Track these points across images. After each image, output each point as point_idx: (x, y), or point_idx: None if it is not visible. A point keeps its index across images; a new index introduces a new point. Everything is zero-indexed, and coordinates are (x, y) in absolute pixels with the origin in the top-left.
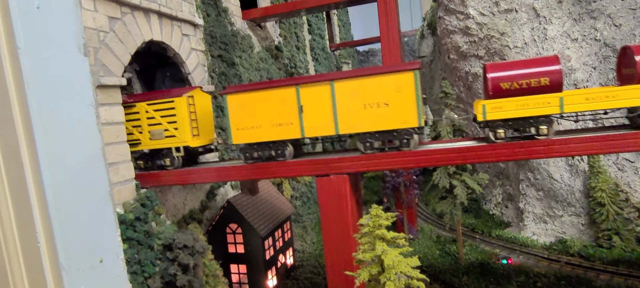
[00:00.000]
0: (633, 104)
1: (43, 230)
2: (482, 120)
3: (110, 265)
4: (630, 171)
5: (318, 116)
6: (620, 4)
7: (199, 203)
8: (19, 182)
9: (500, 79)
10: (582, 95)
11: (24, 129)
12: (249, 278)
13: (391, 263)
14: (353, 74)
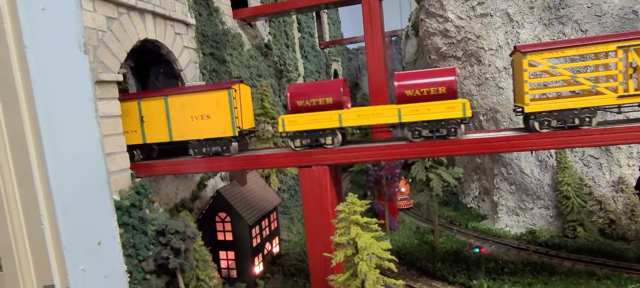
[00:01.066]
0: (389, 120)
1: (47, 213)
2: None
3: (108, 247)
4: (595, 167)
5: (156, 125)
6: (587, 11)
7: (190, 193)
8: (25, 169)
9: None
10: (355, 112)
11: (30, 121)
12: (237, 264)
13: (364, 245)
14: (181, 91)
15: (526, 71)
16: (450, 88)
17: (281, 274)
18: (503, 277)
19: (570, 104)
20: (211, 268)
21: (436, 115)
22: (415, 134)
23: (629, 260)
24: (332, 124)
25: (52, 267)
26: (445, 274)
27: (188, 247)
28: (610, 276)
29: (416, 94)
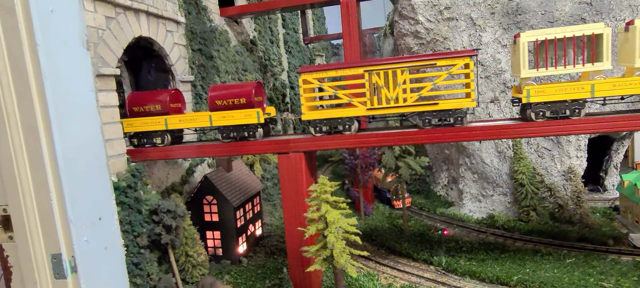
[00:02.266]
0: (203, 125)
1: (55, 191)
2: None
3: (107, 222)
4: (548, 157)
5: None
6: (541, 17)
7: (179, 178)
8: (36, 152)
9: None
10: (177, 117)
11: (41, 110)
12: (222, 243)
13: (332, 220)
14: None
15: (301, 87)
16: (248, 99)
17: (263, 253)
18: (460, 254)
19: (334, 114)
20: (199, 245)
21: (237, 121)
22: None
23: (571, 240)
24: (161, 127)
25: (60, 238)
26: (410, 252)
27: (178, 224)
28: (552, 253)
29: (224, 103)
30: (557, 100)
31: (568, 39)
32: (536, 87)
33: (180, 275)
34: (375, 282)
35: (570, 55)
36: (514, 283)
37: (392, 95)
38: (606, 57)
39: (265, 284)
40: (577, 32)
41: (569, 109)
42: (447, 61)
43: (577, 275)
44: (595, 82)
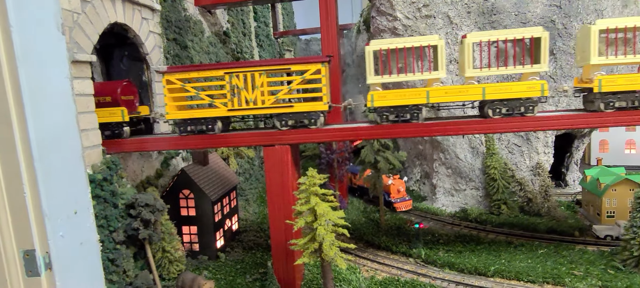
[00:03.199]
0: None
1: (29, 182)
2: None
3: (83, 216)
4: (518, 153)
5: None
6: (514, 18)
7: (154, 171)
8: (8, 141)
9: None
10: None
11: (13, 96)
12: (199, 238)
13: (322, 212)
14: None
15: (165, 87)
16: (114, 98)
17: (240, 248)
18: (438, 246)
19: (198, 114)
20: (176, 240)
21: (104, 118)
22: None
23: (541, 231)
24: None
25: (33, 233)
26: (389, 245)
27: (157, 219)
28: (525, 244)
29: (98, 100)
30: (400, 105)
31: (408, 49)
32: (380, 93)
33: (157, 271)
34: (357, 274)
35: (410, 64)
36: (491, 273)
37: (252, 97)
38: (441, 66)
39: (245, 279)
40: (415, 44)
41: (410, 113)
42: (300, 67)
43: (549, 264)
44: (430, 89)
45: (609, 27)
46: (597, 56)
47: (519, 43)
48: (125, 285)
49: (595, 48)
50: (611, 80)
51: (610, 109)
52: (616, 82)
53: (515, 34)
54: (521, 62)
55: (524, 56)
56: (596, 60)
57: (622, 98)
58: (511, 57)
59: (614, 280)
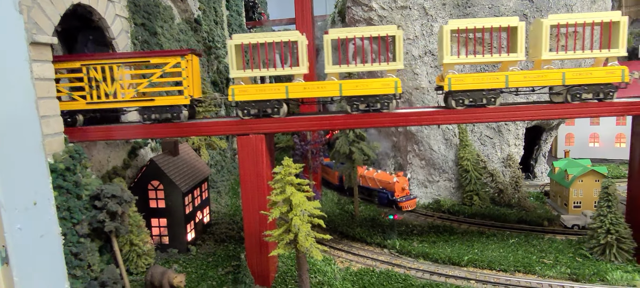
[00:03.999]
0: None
1: None
2: None
3: (43, 208)
4: (489, 145)
5: None
6: (488, 11)
7: (121, 161)
8: None
9: None
10: None
11: None
12: (169, 231)
13: (298, 202)
14: None
15: None
16: None
17: (212, 241)
18: (412, 237)
19: None
20: (145, 233)
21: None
22: None
23: (511, 221)
24: None
25: None
26: (364, 237)
27: (124, 210)
28: (496, 234)
29: None
30: None
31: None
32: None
33: (124, 265)
34: (332, 266)
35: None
36: (464, 263)
37: (111, 90)
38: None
39: (217, 272)
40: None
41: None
42: (159, 59)
43: (520, 253)
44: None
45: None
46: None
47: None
48: (90, 280)
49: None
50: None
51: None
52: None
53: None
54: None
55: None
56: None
57: None
58: None
59: (582, 268)
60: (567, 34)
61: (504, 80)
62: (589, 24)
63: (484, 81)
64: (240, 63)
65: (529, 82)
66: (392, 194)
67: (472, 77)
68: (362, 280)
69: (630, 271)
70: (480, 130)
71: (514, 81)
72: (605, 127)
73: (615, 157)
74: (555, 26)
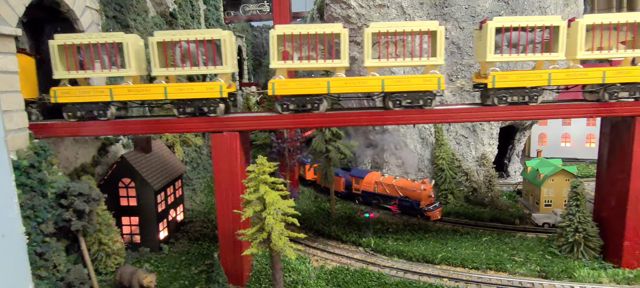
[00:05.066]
0: None
1: None
2: None
3: (5, 207)
4: (464, 144)
5: None
6: (464, 11)
7: (90, 158)
8: None
9: None
10: None
11: None
12: (141, 230)
13: (271, 201)
14: None
15: None
16: None
17: (186, 239)
18: (387, 235)
19: None
20: (114, 232)
21: None
22: None
23: (484, 219)
24: None
25: None
26: (339, 235)
27: (92, 209)
28: (470, 232)
29: None
30: None
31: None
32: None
33: (92, 265)
34: (307, 264)
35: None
36: (438, 260)
37: None
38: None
39: (191, 271)
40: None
41: None
42: None
43: (492, 251)
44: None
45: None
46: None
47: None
48: (55, 280)
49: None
50: (504, 76)
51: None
52: (508, 77)
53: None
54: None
55: (207, 58)
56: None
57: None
58: None
59: (551, 265)
60: (518, 37)
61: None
62: None
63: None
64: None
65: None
66: (418, 203)
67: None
68: (337, 278)
69: (596, 268)
70: (456, 129)
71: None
72: (576, 127)
73: (586, 157)
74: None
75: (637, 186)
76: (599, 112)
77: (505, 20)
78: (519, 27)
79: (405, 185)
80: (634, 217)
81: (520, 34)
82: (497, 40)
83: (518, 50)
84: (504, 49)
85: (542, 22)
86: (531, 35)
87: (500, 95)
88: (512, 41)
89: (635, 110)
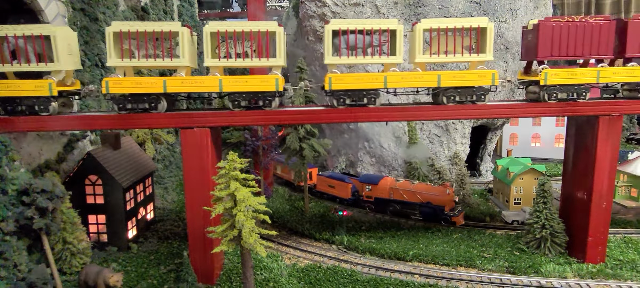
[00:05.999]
0: None
1: None
2: None
3: None
4: (438, 143)
5: None
6: (438, 11)
7: (55, 154)
8: None
9: None
10: None
11: None
12: (108, 228)
13: (242, 197)
14: None
15: None
16: None
17: (155, 238)
18: (360, 233)
19: None
20: (80, 231)
21: None
22: None
23: None
24: None
25: None
26: (313, 233)
27: (56, 206)
28: (441, 229)
29: None
30: None
31: None
32: None
33: (56, 265)
34: (279, 262)
35: None
36: (410, 258)
37: None
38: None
39: (159, 271)
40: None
41: None
42: None
43: (462, 248)
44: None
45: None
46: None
47: None
48: (16, 280)
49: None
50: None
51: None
52: None
53: None
54: None
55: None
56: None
57: None
58: None
59: (519, 261)
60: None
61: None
62: None
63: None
64: (336, 49)
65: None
66: (443, 209)
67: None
68: (309, 276)
69: (562, 263)
70: (429, 128)
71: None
72: (545, 127)
73: (555, 157)
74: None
75: (600, 184)
76: (564, 111)
77: (342, 23)
78: (356, 30)
79: (426, 190)
80: (597, 215)
81: (357, 37)
82: (336, 43)
83: (356, 53)
84: (342, 52)
85: (380, 25)
86: (369, 38)
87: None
88: (350, 44)
89: (599, 110)
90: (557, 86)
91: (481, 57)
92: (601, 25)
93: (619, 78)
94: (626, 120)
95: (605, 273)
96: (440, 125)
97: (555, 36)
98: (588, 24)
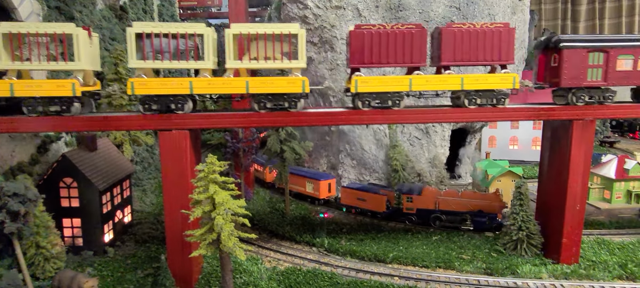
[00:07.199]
0: None
1: None
2: None
3: None
4: (418, 146)
5: None
6: (418, 16)
7: (28, 157)
8: None
9: None
10: None
11: None
12: (84, 232)
13: (221, 201)
14: None
15: None
16: None
17: (133, 242)
18: (341, 235)
19: None
20: (54, 235)
21: None
22: None
23: None
24: None
25: None
26: (293, 235)
27: (28, 210)
28: (421, 232)
29: None
30: None
31: None
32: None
33: (29, 270)
34: (259, 265)
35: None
36: (390, 260)
37: None
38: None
39: (136, 275)
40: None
41: None
42: None
43: (442, 250)
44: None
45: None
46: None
47: None
48: None
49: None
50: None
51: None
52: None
53: None
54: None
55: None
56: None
57: None
58: None
59: (496, 262)
60: None
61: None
62: None
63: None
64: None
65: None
66: (495, 216)
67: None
68: (289, 279)
69: (537, 264)
70: (410, 131)
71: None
72: (523, 131)
73: (532, 159)
74: None
75: (575, 187)
76: (539, 115)
77: (146, 27)
78: (160, 33)
79: (477, 198)
80: (572, 217)
81: (162, 41)
82: (140, 46)
83: (162, 57)
84: (147, 55)
85: (185, 30)
86: (175, 42)
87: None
88: (155, 48)
89: (573, 115)
90: (369, 94)
91: (293, 64)
92: (413, 33)
93: (435, 86)
94: (599, 124)
95: (578, 274)
96: (421, 128)
97: (366, 43)
98: (399, 32)
